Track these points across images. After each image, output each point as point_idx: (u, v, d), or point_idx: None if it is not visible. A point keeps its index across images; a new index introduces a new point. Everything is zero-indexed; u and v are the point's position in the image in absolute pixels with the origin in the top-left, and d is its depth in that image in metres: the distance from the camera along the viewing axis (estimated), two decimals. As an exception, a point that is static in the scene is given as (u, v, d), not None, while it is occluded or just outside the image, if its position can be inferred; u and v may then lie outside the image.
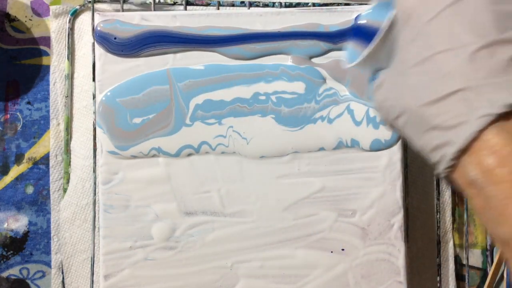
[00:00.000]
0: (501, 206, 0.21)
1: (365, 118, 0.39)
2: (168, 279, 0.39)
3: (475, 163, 0.22)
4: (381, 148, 0.39)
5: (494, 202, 0.22)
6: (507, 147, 0.21)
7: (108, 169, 0.39)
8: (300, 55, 0.39)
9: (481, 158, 0.22)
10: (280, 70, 0.39)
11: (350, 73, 0.39)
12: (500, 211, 0.22)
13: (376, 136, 0.39)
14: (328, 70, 0.39)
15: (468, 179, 0.23)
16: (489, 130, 0.22)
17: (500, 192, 0.21)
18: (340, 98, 0.39)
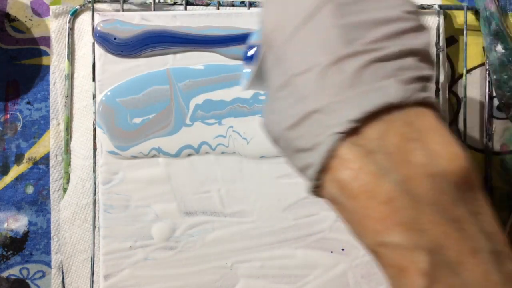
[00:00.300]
0: (360, 219, 0.22)
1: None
2: (168, 279, 0.39)
3: (333, 181, 0.22)
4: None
5: (353, 216, 0.22)
6: (358, 161, 0.21)
7: (108, 169, 0.39)
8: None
9: (337, 175, 0.22)
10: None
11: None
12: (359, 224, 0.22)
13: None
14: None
15: (330, 196, 0.23)
16: (342, 147, 0.22)
17: (357, 207, 0.22)
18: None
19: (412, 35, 0.24)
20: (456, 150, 0.22)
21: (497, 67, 0.43)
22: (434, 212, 0.21)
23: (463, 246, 0.21)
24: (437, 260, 0.21)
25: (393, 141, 0.22)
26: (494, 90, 0.44)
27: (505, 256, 0.22)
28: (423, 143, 0.22)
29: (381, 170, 0.21)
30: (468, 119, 0.44)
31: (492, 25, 0.42)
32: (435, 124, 0.22)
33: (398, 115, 0.22)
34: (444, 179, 0.21)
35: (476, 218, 0.22)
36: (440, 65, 0.43)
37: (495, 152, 0.45)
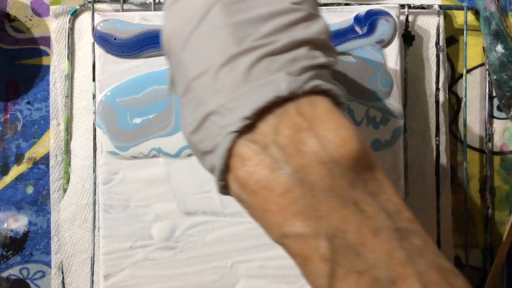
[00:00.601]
0: (262, 214, 0.22)
1: (365, 118, 0.39)
2: (168, 279, 0.39)
3: (234, 180, 0.23)
4: (381, 149, 0.39)
5: (256, 212, 0.22)
6: (254, 157, 0.22)
7: (108, 169, 0.39)
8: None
9: (236, 173, 0.22)
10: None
11: (349, 74, 0.39)
12: (262, 219, 0.22)
13: (376, 136, 0.39)
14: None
15: (235, 195, 0.23)
16: (238, 145, 0.22)
17: (257, 202, 0.22)
18: (340, 98, 0.39)
19: (303, 25, 0.24)
20: (346, 134, 0.22)
21: (497, 67, 0.43)
22: (331, 198, 0.21)
23: (363, 228, 0.21)
24: (338, 244, 0.21)
25: (286, 133, 0.22)
26: (494, 90, 0.44)
27: (410, 233, 0.22)
28: (314, 131, 0.22)
29: (275, 163, 0.21)
30: (468, 119, 0.44)
31: (492, 25, 0.42)
32: (327, 111, 0.23)
33: (290, 107, 0.22)
34: (336, 164, 0.22)
35: (376, 198, 0.22)
36: (440, 65, 0.43)
37: (495, 152, 0.45)
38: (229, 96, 0.22)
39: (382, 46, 0.39)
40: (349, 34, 0.40)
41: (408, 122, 0.43)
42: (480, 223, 0.45)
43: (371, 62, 0.39)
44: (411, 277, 0.20)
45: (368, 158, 0.22)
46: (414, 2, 0.43)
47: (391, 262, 0.21)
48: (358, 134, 0.22)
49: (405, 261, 0.21)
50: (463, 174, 0.44)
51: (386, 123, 0.39)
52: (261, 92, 0.22)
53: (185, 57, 0.24)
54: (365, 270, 0.21)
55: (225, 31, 0.23)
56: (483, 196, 0.45)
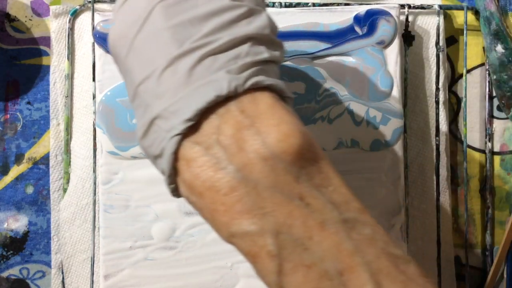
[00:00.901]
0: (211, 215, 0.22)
1: (365, 118, 0.39)
2: (168, 279, 0.39)
3: (182, 183, 0.23)
4: (381, 149, 0.39)
5: (205, 213, 0.23)
6: (198, 158, 0.22)
7: (108, 169, 0.39)
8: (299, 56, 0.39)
9: (183, 176, 0.22)
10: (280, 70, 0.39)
11: (349, 73, 0.39)
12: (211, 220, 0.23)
13: (376, 136, 0.39)
14: (327, 70, 0.39)
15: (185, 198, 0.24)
16: (183, 148, 0.22)
17: (205, 204, 0.22)
18: (340, 98, 0.39)
19: (244, 21, 0.24)
20: (287, 128, 0.22)
21: (497, 67, 0.43)
22: (276, 194, 0.21)
23: (309, 221, 0.21)
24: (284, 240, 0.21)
25: (229, 132, 0.22)
26: (494, 90, 0.44)
27: (358, 223, 0.22)
28: (256, 128, 0.22)
29: (219, 163, 0.21)
30: (468, 119, 0.44)
31: (492, 25, 0.42)
32: (269, 106, 0.22)
33: (232, 106, 0.22)
34: (279, 160, 0.21)
35: (323, 190, 0.22)
36: (440, 65, 0.43)
37: (495, 152, 0.45)
38: (171, 99, 0.22)
39: (383, 47, 0.39)
40: (349, 34, 0.39)
41: (408, 122, 0.43)
42: (480, 223, 0.45)
43: (371, 62, 0.39)
44: (359, 267, 0.20)
45: (312, 151, 0.22)
46: (414, 2, 0.43)
47: (338, 254, 0.21)
48: (300, 128, 0.22)
49: (353, 252, 0.21)
50: (463, 174, 0.44)
51: (386, 123, 0.39)
52: (202, 92, 0.22)
53: (130, 62, 0.24)
54: (313, 263, 0.21)
55: (166, 34, 0.23)
56: (483, 196, 0.45)
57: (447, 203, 0.43)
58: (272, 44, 0.25)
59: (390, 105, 0.39)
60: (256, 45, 0.24)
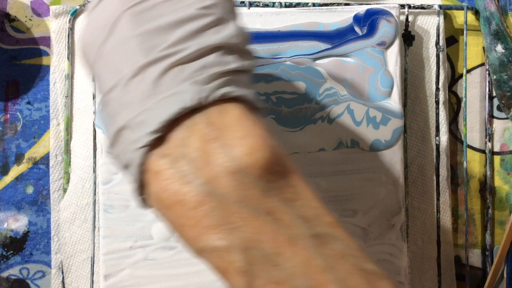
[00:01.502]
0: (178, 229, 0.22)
1: (365, 118, 0.39)
2: (168, 279, 0.39)
3: (150, 195, 0.22)
4: (381, 149, 0.39)
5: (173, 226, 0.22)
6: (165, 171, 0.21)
7: (108, 169, 0.39)
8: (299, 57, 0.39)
9: (151, 189, 0.22)
10: (280, 70, 0.39)
11: (349, 74, 0.39)
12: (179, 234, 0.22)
13: (376, 136, 0.39)
14: (327, 70, 0.39)
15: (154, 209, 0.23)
16: (150, 160, 0.22)
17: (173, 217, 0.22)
18: (340, 98, 0.39)
19: (212, 30, 0.23)
20: (254, 142, 0.21)
21: (497, 67, 0.43)
22: (243, 209, 0.21)
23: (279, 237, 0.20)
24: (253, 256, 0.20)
25: (195, 145, 0.21)
26: (494, 90, 0.44)
27: (330, 238, 0.21)
28: (222, 141, 0.21)
29: (186, 176, 0.21)
30: (468, 119, 0.44)
31: (492, 25, 0.42)
32: (237, 118, 0.22)
33: (199, 118, 0.22)
34: (245, 174, 0.21)
35: (292, 205, 0.21)
36: (440, 65, 0.43)
37: (495, 152, 0.45)
38: (137, 109, 0.22)
39: (384, 48, 0.39)
40: (349, 35, 0.39)
41: (408, 122, 0.43)
42: (480, 223, 0.45)
43: (371, 62, 0.39)
44: (330, 284, 0.20)
45: (280, 164, 0.22)
46: (414, 2, 0.43)
47: (309, 270, 0.20)
48: (267, 141, 0.22)
49: (324, 268, 0.20)
50: (463, 174, 0.44)
51: (386, 123, 0.39)
52: (167, 104, 0.21)
53: (98, 69, 0.23)
54: (284, 280, 0.20)
55: (133, 42, 0.22)
56: (483, 196, 0.45)
57: (447, 203, 0.43)
58: (242, 53, 0.24)
59: (390, 105, 0.39)
60: (224, 54, 0.23)
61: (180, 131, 0.22)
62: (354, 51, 0.39)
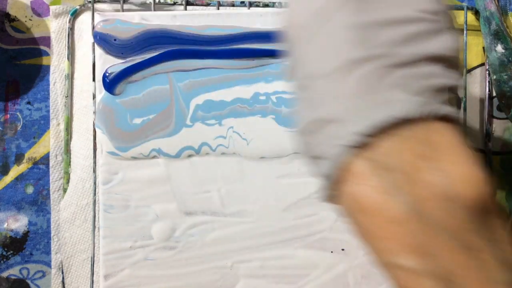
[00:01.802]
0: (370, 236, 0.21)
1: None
2: (168, 279, 0.39)
3: (345, 193, 0.22)
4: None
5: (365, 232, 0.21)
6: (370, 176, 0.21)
7: (108, 169, 0.39)
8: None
9: (349, 188, 0.21)
10: (280, 70, 0.39)
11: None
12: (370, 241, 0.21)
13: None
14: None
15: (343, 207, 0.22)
16: (354, 160, 0.21)
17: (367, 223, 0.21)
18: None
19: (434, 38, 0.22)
20: (474, 173, 0.20)
21: (497, 67, 0.43)
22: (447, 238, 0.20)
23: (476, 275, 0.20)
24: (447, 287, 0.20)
25: (407, 158, 0.20)
26: (494, 90, 0.44)
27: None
28: (438, 162, 0.20)
29: (393, 188, 0.20)
30: (468, 119, 0.44)
31: (492, 25, 0.42)
32: (453, 142, 0.21)
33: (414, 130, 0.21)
34: (458, 204, 0.20)
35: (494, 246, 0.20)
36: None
37: (495, 152, 0.45)
38: (347, 106, 0.21)
39: None
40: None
41: (408, 122, 0.43)
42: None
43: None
44: None
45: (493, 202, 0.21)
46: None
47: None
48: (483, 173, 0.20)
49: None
50: (463, 174, 0.44)
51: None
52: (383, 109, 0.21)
53: (306, 51, 0.23)
54: None
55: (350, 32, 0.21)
56: (483, 196, 0.45)
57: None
58: (455, 68, 0.23)
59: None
60: (443, 68, 0.22)
61: (391, 140, 0.21)
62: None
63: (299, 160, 0.39)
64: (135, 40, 0.38)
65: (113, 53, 0.38)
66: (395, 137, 0.21)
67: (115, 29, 0.38)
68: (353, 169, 0.21)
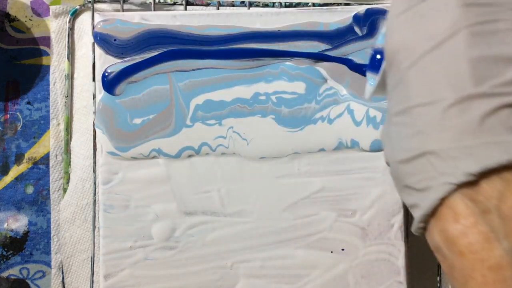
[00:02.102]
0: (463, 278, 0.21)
1: (365, 118, 0.39)
2: (168, 279, 0.39)
3: (439, 230, 0.21)
4: (381, 149, 0.39)
5: (456, 272, 0.21)
6: (470, 217, 0.20)
7: (108, 169, 0.39)
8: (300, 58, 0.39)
9: (444, 225, 0.21)
10: (280, 70, 0.39)
11: (349, 74, 0.39)
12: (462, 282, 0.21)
13: (376, 136, 0.39)
14: (327, 70, 0.39)
15: (434, 244, 0.22)
16: (454, 198, 0.21)
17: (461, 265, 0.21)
18: (341, 97, 0.39)
19: None
20: None
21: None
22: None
23: None
24: None
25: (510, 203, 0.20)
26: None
27: None
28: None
29: (494, 233, 0.20)
30: None
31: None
32: None
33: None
34: None
35: None
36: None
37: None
38: (455, 142, 0.20)
39: None
40: (348, 35, 0.39)
41: (408, 122, 0.43)
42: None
43: (371, 62, 0.40)
44: None
45: None
46: None
47: None
48: None
49: None
50: (463, 174, 0.44)
51: (386, 123, 0.39)
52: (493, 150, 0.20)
53: (410, 77, 0.22)
54: None
55: (465, 64, 0.20)
56: (483, 196, 0.44)
57: (447, 203, 0.43)
58: None
59: (390, 105, 0.39)
60: None
61: (498, 182, 0.20)
62: (355, 51, 0.40)
63: (299, 160, 0.39)
64: (135, 40, 0.38)
65: (113, 53, 0.38)
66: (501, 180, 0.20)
67: (115, 29, 0.38)
68: (451, 207, 0.21)
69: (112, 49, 0.38)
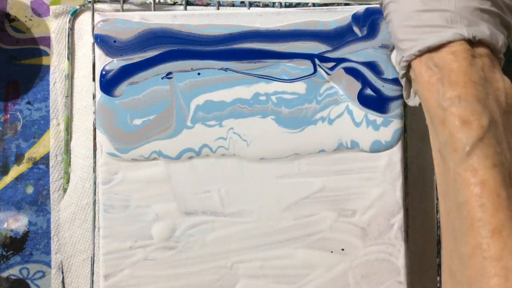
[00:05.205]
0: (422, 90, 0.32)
1: (365, 119, 0.39)
2: (168, 279, 0.39)
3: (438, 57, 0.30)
4: (381, 150, 0.39)
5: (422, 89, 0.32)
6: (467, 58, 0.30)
7: (108, 169, 0.39)
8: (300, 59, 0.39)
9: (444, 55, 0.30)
10: (280, 70, 0.39)
11: (346, 76, 0.39)
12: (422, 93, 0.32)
13: (376, 137, 0.39)
14: (328, 70, 0.39)
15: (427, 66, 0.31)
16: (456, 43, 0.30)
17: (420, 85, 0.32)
18: (340, 97, 0.39)
19: None
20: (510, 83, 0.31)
21: (497, 67, 0.43)
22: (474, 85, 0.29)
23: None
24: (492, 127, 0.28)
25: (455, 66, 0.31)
26: None
27: None
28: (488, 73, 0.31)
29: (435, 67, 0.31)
30: None
31: (492, 25, 0.43)
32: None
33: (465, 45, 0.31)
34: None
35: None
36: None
37: None
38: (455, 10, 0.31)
39: (389, 50, 0.39)
40: (348, 35, 0.39)
41: (408, 122, 0.42)
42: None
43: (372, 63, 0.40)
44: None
45: None
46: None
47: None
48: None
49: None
50: (463, 174, 0.44)
51: (386, 124, 0.39)
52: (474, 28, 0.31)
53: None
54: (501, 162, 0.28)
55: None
56: (483, 196, 0.44)
57: (447, 203, 0.43)
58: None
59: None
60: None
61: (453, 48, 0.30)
62: (355, 52, 0.39)
63: (299, 160, 0.39)
64: (135, 40, 0.38)
65: (113, 53, 0.38)
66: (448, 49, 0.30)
67: (115, 29, 0.38)
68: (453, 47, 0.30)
69: (112, 49, 0.38)
